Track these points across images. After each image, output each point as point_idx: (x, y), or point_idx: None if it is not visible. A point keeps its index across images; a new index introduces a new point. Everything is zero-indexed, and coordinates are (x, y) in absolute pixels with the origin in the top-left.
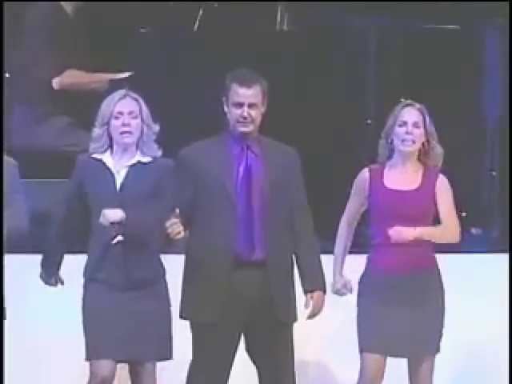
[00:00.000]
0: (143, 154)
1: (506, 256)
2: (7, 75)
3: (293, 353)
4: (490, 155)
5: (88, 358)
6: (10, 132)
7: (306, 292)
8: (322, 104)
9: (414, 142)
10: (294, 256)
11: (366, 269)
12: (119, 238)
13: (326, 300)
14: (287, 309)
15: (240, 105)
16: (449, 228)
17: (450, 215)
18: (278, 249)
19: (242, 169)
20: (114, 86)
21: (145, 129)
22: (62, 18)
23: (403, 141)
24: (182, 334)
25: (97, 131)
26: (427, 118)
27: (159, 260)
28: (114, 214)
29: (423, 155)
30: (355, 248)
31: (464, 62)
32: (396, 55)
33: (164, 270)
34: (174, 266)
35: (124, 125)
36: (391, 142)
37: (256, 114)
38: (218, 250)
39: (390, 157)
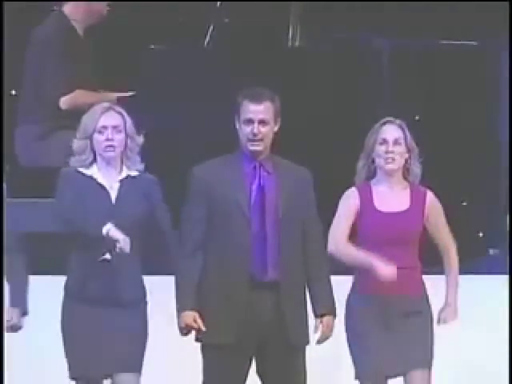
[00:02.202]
0: (128, 167)
1: None
2: (13, 92)
3: (305, 377)
4: (508, 175)
5: (72, 377)
6: (14, 149)
7: (316, 316)
8: (334, 121)
9: (396, 160)
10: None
11: (353, 291)
12: (106, 256)
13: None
14: (300, 331)
15: (250, 121)
16: (454, 257)
17: (449, 240)
18: (291, 270)
19: (254, 187)
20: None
21: (129, 142)
22: (73, 35)
23: (386, 159)
24: (192, 357)
25: (78, 143)
26: (407, 134)
27: (141, 280)
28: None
29: (406, 172)
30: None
31: (481, 81)
32: (410, 71)
33: (145, 290)
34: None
35: (108, 139)
36: (373, 162)
37: (266, 131)
38: (233, 271)
39: (371, 177)
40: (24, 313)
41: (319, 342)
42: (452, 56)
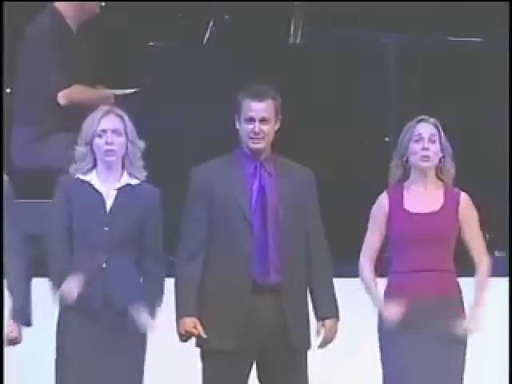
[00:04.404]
0: (130, 174)
1: None
2: (8, 91)
3: (307, 382)
4: None
5: None
6: (10, 150)
7: (318, 319)
8: (338, 120)
9: (431, 158)
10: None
11: (388, 294)
12: (103, 265)
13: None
14: (301, 335)
15: (251, 120)
16: (486, 269)
17: (481, 251)
18: (293, 273)
19: (255, 188)
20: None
21: (129, 146)
22: (67, 32)
23: (421, 156)
24: (191, 363)
25: (80, 150)
26: (442, 133)
27: (139, 288)
28: None
29: (440, 172)
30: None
31: (489, 77)
32: (416, 69)
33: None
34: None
35: (108, 143)
36: (406, 161)
37: (268, 129)
38: (234, 274)
39: (405, 177)
40: (28, 324)
41: (321, 346)
42: (459, 54)
